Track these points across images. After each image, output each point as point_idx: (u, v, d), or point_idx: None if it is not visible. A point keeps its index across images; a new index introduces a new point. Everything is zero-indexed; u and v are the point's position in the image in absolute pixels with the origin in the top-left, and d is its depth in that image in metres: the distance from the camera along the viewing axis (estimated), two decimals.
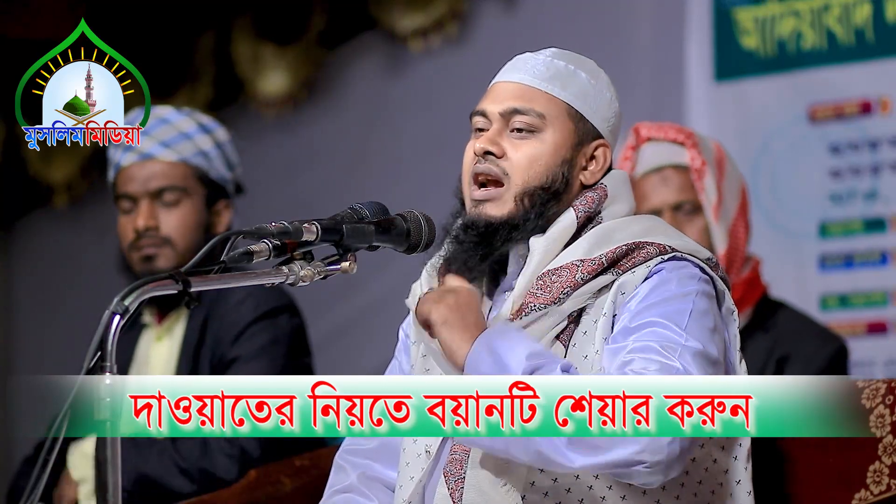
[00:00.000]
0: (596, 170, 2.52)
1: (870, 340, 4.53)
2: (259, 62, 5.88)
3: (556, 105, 2.50)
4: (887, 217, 4.55)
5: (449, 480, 2.42)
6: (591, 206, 2.49)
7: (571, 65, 2.54)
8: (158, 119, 3.54)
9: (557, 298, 2.40)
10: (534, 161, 2.47)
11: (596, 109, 2.53)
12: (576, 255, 2.43)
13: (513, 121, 2.49)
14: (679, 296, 2.38)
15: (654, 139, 3.68)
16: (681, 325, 2.34)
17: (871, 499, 2.50)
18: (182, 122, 3.56)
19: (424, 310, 2.42)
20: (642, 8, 5.13)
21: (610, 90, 2.56)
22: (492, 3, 5.43)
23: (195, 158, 3.53)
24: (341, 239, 2.34)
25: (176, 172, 3.52)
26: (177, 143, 3.53)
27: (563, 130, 2.49)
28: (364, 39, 5.75)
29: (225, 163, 3.58)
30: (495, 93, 2.53)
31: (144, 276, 2.30)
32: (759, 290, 3.68)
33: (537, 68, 2.52)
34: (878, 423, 2.52)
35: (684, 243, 2.46)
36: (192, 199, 3.53)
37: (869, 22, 4.59)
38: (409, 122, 5.57)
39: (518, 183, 2.47)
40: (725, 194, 3.62)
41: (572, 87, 2.51)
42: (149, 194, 3.51)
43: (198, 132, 3.56)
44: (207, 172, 3.54)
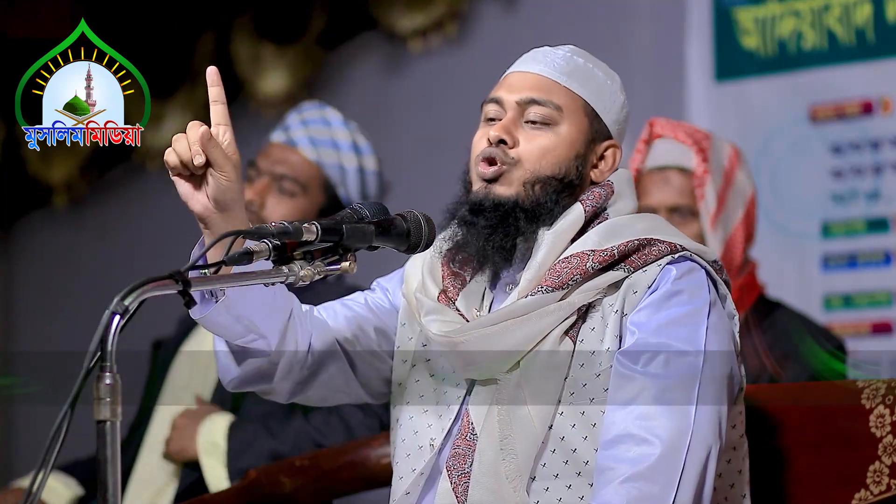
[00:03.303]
0: (605, 168, 2.52)
1: (874, 341, 4.53)
2: (259, 62, 5.88)
3: (573, 100, 2.49)
4: (890, 217, 4.55)
5: (452, 475, 2.42)
6: (598, 202, 2.48)
7: (590, 63, 2.55)
8: (322, 118, 3.63)
9: (566, 284, 2.39)
10: (547, 152, 2.46)
11: (609, 110, 2.53)
12: (586, 246, 2.43)
13: (529, 111, 2.48)
14: (693, 313, 2.37)
15: (665, 137, 3.68)
16: (699, 346, 2.34)
17: (871, 499, 2.50)
18: (340, 131, 3.64)
19: None
20: (642, 8, 5.12)
21: (623, 94, 2.57)
22: (492, 3, 5.42)
23: (331, 168, 3.60)
24: (341, 239, 2.34)
25: (306, 169, 3.60)
26: (324, 146, 3.60)
27: (578, 125, 2.49)
28: (364, 39, 5.74)
29: (360, 188, 3.62)
30: (511, 82, 2.52)
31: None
32: (755, 292, 3.68)
33: (557, 62, 2.51)
34: (878, 423, 2.52)
35: (691, 244, 2.46)
36: (306, 200, 3.58)
37: (870, 22, 4.59)
38: (409, 122, 5.57)
39: (529, 169, 2.46)
40: (727, 204, 3.61)
41: (591, 85, 2.51)
42: (272, 175, 3.58)
43: (348, 148, 3.63)
44: (336, 187, 3.59)
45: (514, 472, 2.37)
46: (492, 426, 2.40)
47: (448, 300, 2.49)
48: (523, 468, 2.37)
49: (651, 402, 2.31)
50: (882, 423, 2.51)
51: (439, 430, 2.46)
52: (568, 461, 2.37)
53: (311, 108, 3.72)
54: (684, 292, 2.38)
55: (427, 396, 2.50)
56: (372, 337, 2.57)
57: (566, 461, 2.37)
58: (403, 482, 2.48)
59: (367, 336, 2.57)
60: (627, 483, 2.27)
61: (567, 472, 2.37)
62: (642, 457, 2.28)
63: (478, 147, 2.50)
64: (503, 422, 2.39)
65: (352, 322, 2.56)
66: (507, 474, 2.37)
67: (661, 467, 2.27)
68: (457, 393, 2.47)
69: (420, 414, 2.50)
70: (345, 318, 2.57)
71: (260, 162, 3.63)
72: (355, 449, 3.24)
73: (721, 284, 2.46)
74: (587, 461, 2.36)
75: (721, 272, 2.47)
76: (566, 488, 2.37)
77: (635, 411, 2.31)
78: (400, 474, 2.51)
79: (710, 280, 2.43)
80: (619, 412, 2.32)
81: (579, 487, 2.36)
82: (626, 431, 2.30)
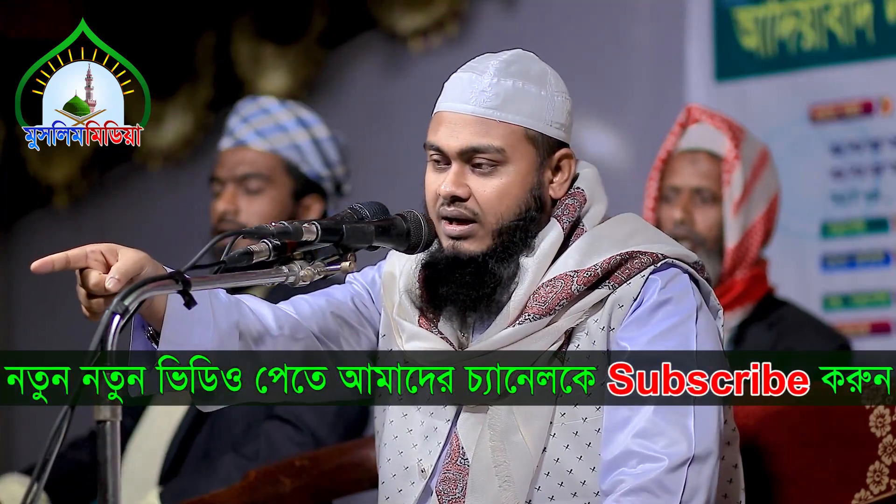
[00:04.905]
0: (563, 180, 2.45)
1: (873, 341, 4.53)
2: (259, 62, 5.88)
3: (513, 132, 2.40)
4: (890, 217, 4.55)
5: (442, 499, 2.41)
6: (573, 215, 2.44)
7: (518, 80, 2.42)
8: (260, 109, 3.62)
9: (552, 310, 2.37)
10: (503, 195, 2.39)
11: (552, 120, 2.43)
12: (568, 267, 2.40)
13: (473, 159, 2.40)
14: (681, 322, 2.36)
15: (701, 122, 3.73)
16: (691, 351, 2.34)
17: (871, 499, 2.50)
18: (281, 113, 3.63)
19: None
20: (642, 8, 5.12)
21: (559, 90, 2.46)
22: (492, 3, 5.42)
23: (286, 151, 3.59)
24: (341, 239, 2.33)
25: (264, 161, 3.59)
26: (271, 133, 3.59)
27: (525, 156, 2.41)
28: (364, 39, 5.74)
29: (320, 159, 3.62)
30: (447, 125, 2.43)
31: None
32: (763, 287, 3.70)
33: (486, 94, 2.40)
34: (878, 423, 2.52)
35: (672, 248, 2.43)
36: (276, 190, 3.58)
37: (869, 22, 4.59)
38: (409, 122, 5.56)
39: (492, 221, 2.40)
40: (752, 195, 3.65)
41: (525, 107, 2.41)
42: (234, 179, 3.59)
43: (295, 125, 3.62)
44: (298, 166, 3.59)
45: (511, 500, 2.36)
46: (483, 452, 2.38)
47: (429, 323, 2.45)
48: (520, 495, 2.36)
49: (649, 418, 2.31)
50: (882, 423, 2.51)
51: (426, 453, 2.44)
52: (563, 483, 2.36)
53: (245, 104, 3.69)
54: (671, 301, 2.37)
55: (411, 415, 2.47)
56: (347, 320, 2.53)
57: (561, 483, 2.36)
58: (391, 503, 2.46)
59: (342, 321, 2.52)
60: (630, 495, 2.26)
61: (563, 494, 2.36)
62: (646, 471, 2.27)
63: (431, 189, 2.43)
64: (496, 449, 2.38)
65: (324, 310, 2.50)
66: (503, 502, 2.36)
67: (664, 480, 2.27)
68: (444, 416, 2.45)
69: (405, 434, 2.47)
70: (312, 309, 2.50)
71: (219, 173, 3.62)
72: (355, 449, 3.24)
73: (703, 283, 2.44)
74: (584, 481, 2.35)
75: (702, 271, 2.45)
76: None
77: (634, 429, 2.31)
78: (386, 494, 2.48)
79: (693, 281, 2.42)
80: (619, 433, 2.32)
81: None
82: (628, 450, 2.30)
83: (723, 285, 3.60)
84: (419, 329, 2.44)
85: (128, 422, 3.60)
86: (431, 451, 2.43)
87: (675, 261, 2.42)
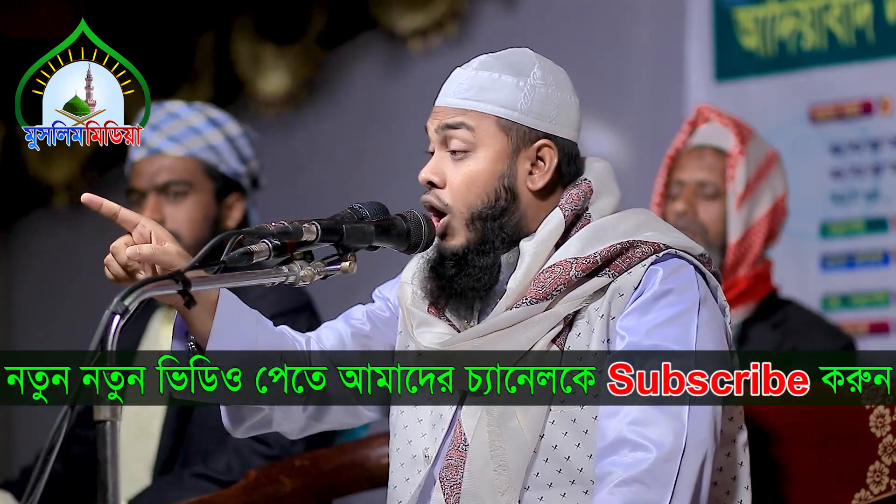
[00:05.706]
0: (543, 172, 2.46)
1: (872, 341, 4.53)
2: (259, 62, 5.88)
3: (484, 118, 2.44)
4: (889, 217, 4.55)
5: (445, 486, 2.42)
6: (577, 204, 2.45)
7: (496, 72, 2.45)
8: (168, 114, 3.57)
9: (550, 294, 2.38)
10: (472, 182, 2.43)
11: (529, 110, 2.44)
12: (569, 254, 2.40)
13: (450, 141, 2.45)
14: (682, 312, 2.36)
15: (710, 121, 3.78)
16: (690, 346, 2.33)
17: (871, 499, 2.50)
18: (191, 116, 3.59)
19: None
20: (642, 8, 5.13)
21: (547, 84, 2.46)
22: (492, 3, 5.42)
23: (203, 153, 3.56)
24: (341, 239, 2.34)
25: (183, 167, 3.55)
26: (185, 137, 3.56)
27: (495, 144, 2.44)
28: (364, 39, 5.74)
29: (236, 156, 3.60)
30: (431, 117, 2.50)
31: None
32: (767, 286, 3.70)
33: (462, 85, 2.46)
34: (878, 423, 2.52)
35: (677, 239, 2.43)
36: (199, 194, 3.55)
37: (869, 22, 4.59)
38: (409, 122, 5.55)
39: (462, 210, 2.43)
40: (756, 192, 3.66)
41: (498, 96, 2.44)
42: (155, 189, 3.54)
43: (207, 126, 3.58)
44: (217, 166, 3.56)
45: (506, 485, 2.36)
46: (482, 437, 2.39)
47: (438, 311, 2.48)
48: (514, 480, 2.36)
49: (643, 406, 2.31)
50: (882, 423, 2.51)
51: (432, 441, 2.45)
52: (561, 469, 2.36)
53: (153, 111, 3.63)
54: (673, 291, 2.37)
55: (421, 406, 2.49)
56: (366, 335, 2.59)
57: (559, 469, 2.36)
58: (398, 491, 2.48)
59: (363, 352, 2.58)
60: (622, 486, 2.26)
61: (561, 481, 2.36)
62: (638, 461, 2.27)
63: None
64: (493, 433, 2.38)
65: (348, 341, 2.58)
66: (498, 487, 2.36)
67: (656, 471, 2.27)
68: (450, 403, 2.46)
69: (414, 423, 2.49)
70: (340, 339, 2.58)
71: (137, 184, 3.57)
72: (355, 449, 3.24)
73: (710, 277, 2.44)
74: (581, 468, 2.35)
75: (709, 265, 2.45)
76: (560, 497, 2.36)
77: (629, 416, 2.31)
78: (395, 483, 2.50)
79: (699, 274, 2.41)
80: (613, 418, 2.32)
81: (574, 495, 2.36)
82: (621, 437, 2.30)
83: (726, 281, 3.60)
84: (428, 315, 2.48)
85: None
86: (437, 438, 2.45)
87: (679, 252, 2.41)
